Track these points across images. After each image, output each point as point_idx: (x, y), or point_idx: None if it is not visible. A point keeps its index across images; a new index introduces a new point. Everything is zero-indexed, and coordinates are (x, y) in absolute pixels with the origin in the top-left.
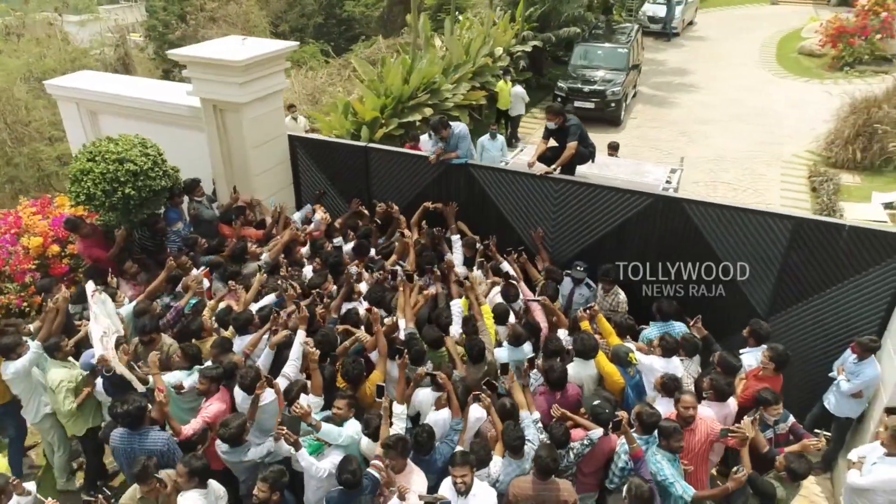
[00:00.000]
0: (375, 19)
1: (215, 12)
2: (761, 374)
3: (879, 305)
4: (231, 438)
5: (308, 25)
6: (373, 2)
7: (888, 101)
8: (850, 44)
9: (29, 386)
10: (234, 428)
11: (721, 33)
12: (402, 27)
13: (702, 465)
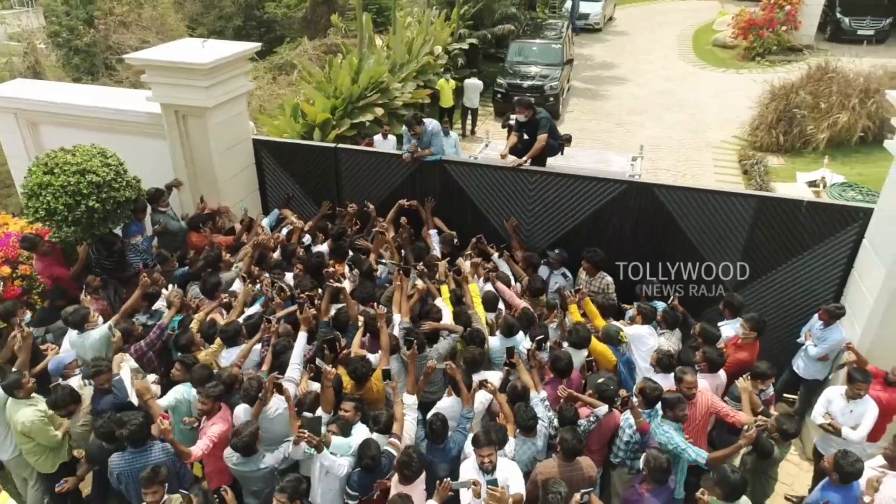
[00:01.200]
0: (298, 20)
1: (126, 16)
2: (741, 342)
3: (835, 273)
4: (245, 447)
5: (227, 28)
6: (295, 3)
7: (804, 87)
8: (759, 35)
9: (3, 419)
10: (246, 436)
11: (639, 28)
12: (327, 28)
13: (701, 435)
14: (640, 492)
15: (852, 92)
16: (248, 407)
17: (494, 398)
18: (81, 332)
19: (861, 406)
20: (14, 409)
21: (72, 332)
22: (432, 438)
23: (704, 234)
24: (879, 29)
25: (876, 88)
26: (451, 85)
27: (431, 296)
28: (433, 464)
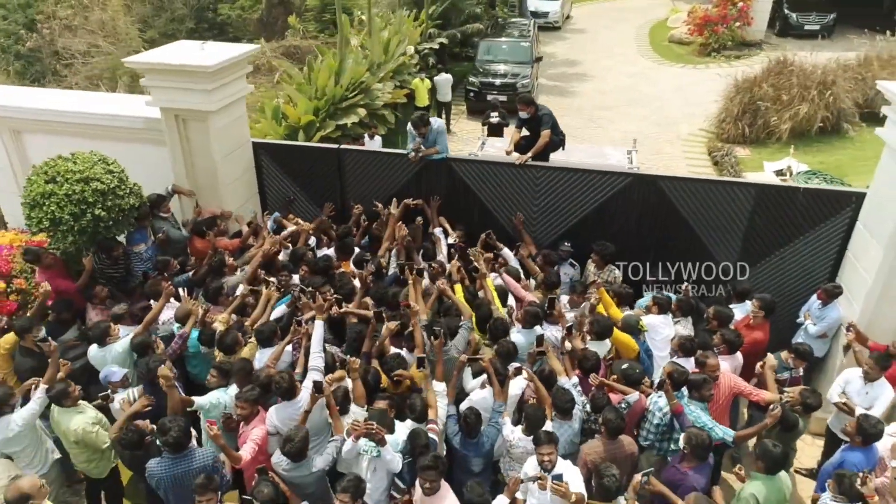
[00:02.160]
0: (254, 22)
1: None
2: (752, 322)
3: (830, 255)
4: (298, 453)
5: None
6: (250, 4)
7: (766, 80)
8: (714, 31)
9: (35, 436)
10: (299, 442)
11: (597, 25)
12: (285, 30)
13: (724, 415)
14: (682, 471)
15: (811, 84)
16: (279, 406)
17: (531, 384)
18: (102, 346)
19: (877, 389)
20: (64, 417)
21: (91, 347)
22: (466, 432)
23: (707, 223)
24: (824, 24)
25: (832, 80)
26: (425, 84)
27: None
28: (466, 458)
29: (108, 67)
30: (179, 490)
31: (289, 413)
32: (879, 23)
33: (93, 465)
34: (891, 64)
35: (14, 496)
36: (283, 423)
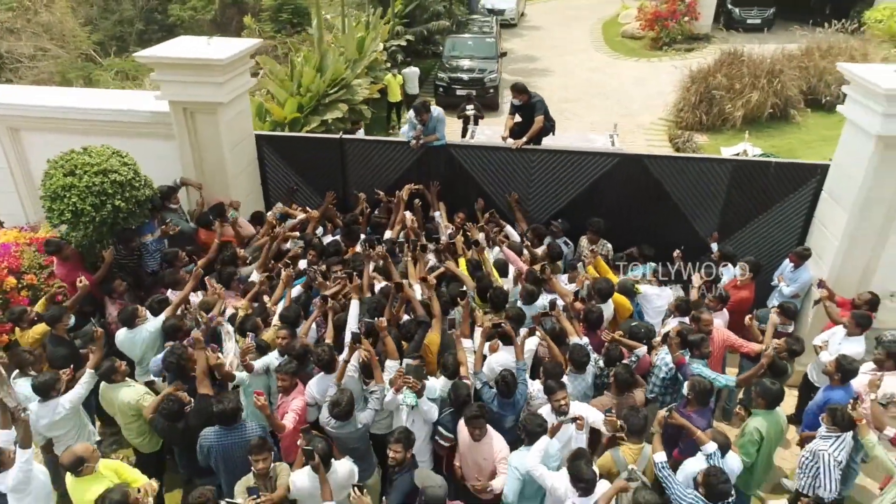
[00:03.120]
0: (207, 23)
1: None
2: (739, 283)
3: (798, 222)
4: (345, 414)
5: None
6: (202, 5)
7: (719, 70)
8: (665, 26)
9: (79, 420)
10: (346, 404)
11: (551, 22)
12: (240, 30)
13: (718, 366)
14: (687, 414)
15: (760, 73)
16: (319, 378)
17: (544, 342)
18: (132, 328)
19: (852, 343)
20: (113, 392)
21: (120, 331)
22: (505, 393)
23: (688, 197)
24: (765, 18)
25: (780, 70)
26: (397, 80)
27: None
28: (503, 417)
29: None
30: (229, 460)
31: (329, 385)
32: (813, 17)
33: (144, 439)
34: (830, 53)
35: (70, 460)
36: (321, 394)
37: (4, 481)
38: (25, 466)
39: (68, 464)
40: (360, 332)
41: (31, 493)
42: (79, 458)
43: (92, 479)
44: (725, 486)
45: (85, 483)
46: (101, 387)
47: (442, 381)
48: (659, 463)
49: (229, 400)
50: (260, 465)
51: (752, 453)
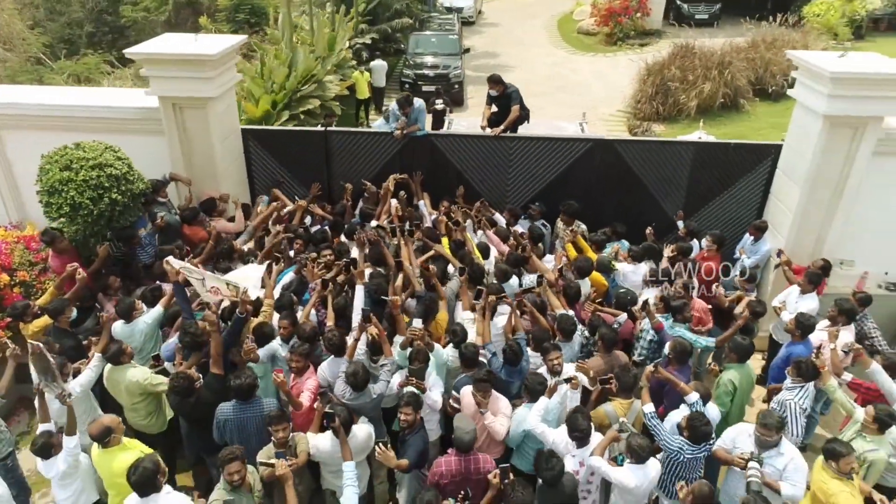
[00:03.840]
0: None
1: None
2: (706, 254)
3: (755, 198)
4: (362, 384)
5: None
6: (155, 6)
7: (673, 63)
8: (619, 22)
9: (89, 405)
10: (361, 374)
11: (508, 19)
12: (195, 31)
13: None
14: (669, 371)
15: (712, 65)
16: (330, 361)
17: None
18: (129, 321)
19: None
20: (120, 374)
21: (116, 324)
22: (513, 361)
23: (656, 178)
24: (712, 13)
25: (729, 61)
26: (365, 77)
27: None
28: (510, 384)
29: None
30: (244, 433)
31: (340, 367)
32: (756, 12)
33: (151, 419)
34: (774, 46)
35: (99, 430)
36: (333, 376)
37: (55, 467)
38: (74, 451)
39: (97, 434)
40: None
41: (79, 477)
42: (107, 429)
43: (118, 449)
44: (707, 429)
45: (111, 454)
46: (107, 370)
47: (449, 349)
48: (648, 413)
49: (247, 376)
50: (280, 434)
51: (727, 403)
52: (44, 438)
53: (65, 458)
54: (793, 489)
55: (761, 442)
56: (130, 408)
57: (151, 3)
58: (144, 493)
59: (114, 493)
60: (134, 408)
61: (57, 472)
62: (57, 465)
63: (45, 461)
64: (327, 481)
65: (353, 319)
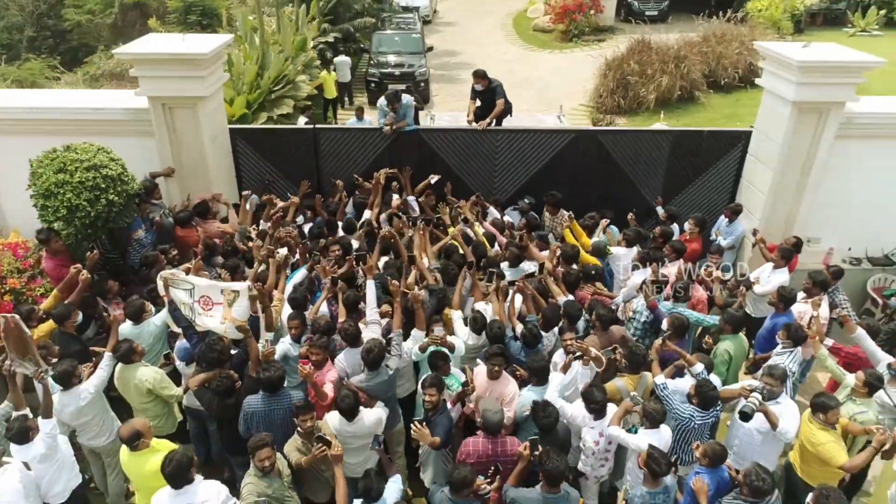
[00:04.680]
0: (107, 27)
1: None
2: (688, 237)
3: (728, 182)
4: (377, 361)
5: (20, 40)
6: (100, 8)
7: (632, 58)
8: (573, 19)
9: (102, 406)
10: (377, 351)
11: (464, 18)
12: (145, 33)
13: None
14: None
15: (668, 59)
16: (347, 352)
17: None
18: (138, 323)
19: (778, 274)
20: (130, 372)
21: (124, 325)
22: (531, 344)
23: (636, 166)
24: (661, 9)
25: (684, 55)
26: (332, 77)
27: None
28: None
29: None
30: (271, 425)
31: (356, 358)
32: (702, 8)
33: (160, 421)
34: (724, 40)
35: (129, 433)
36: (350, 367)
37: (32, 451)
38: (52, 433)
39: (127, 437)
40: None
41: (58, 462)
42: (137, 432)
43: (149, 452)
44: (714, 394)
45: (142, 457)
46: (118, 369)
47: (467, 331)
48: (660, 384)
49: (275, 369)
50: (307, 424)
51: (724, 371)
52: (19, 422)
53: (43, 439)
54: (787, 425)
55: (769, 392)
56: (140, 408)
57: (96, 5)
58: (178, 485)
59: (143, 495)
60: (143, 408)
61: (35, 455)
62: (35, 448)
63: (22, 445)
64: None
65: (367, 314)
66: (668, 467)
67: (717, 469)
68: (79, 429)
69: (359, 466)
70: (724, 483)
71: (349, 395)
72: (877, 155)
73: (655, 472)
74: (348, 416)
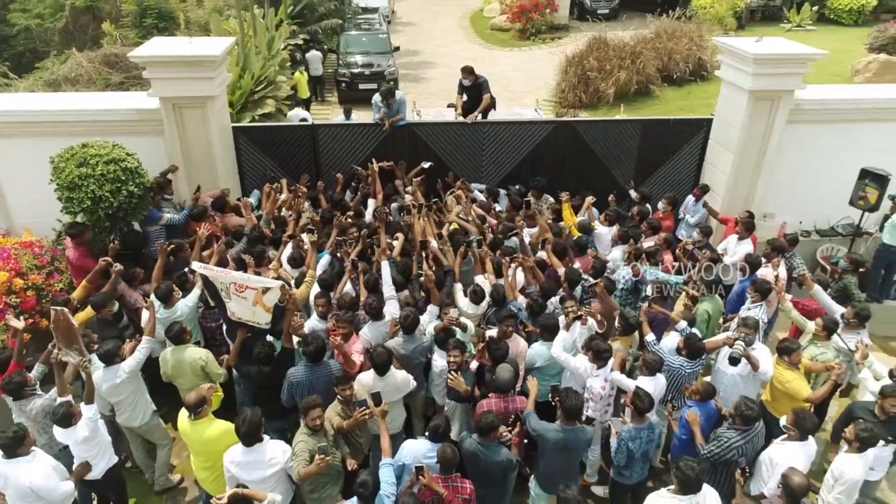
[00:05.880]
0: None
1: None
2: (662, 214)
3: (692, 165)
4: (412, 327)
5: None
6: (49, 12)
7: (591, 54)
8: (531, 18)
9: (138, 386)
10: (412, 319)
11: (422, 18)
12: (98, 38)
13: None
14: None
15: (625, 55)
16: (370, 325)
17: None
18: (168, 306)
19: (743, 245)
20: (182, 353)
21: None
22: (537, 313)
23: (610, 153)
24: (612, 8)
25: (639, 51)
26: (305, 77)
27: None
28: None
29: None
30: (313, 392)
31: (379, 330)
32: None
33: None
34: (675, 36)
35: (195, 399)
36: (374, 339)
37: (75, 434)
38: (93, 417)
39: (194, 402)
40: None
41: (98, 444)
42: (202, 398)
43: (208, 420)
44: (700, 345)
45: (202, 425)
46: (168, 353)
47: (466, 301)
48: (650, 341)
49: (317, 340)
50: (347, 392)
51: (704, 329)
52: (64, 408)
53: (86, 423)
54: (765, 366)
55: (747, 340)
56: (190, 388)
57: (45, 9)
58: (250, 442)
59: (202, 460)
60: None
61: (77, 438)
62: (78, 432)
63: (66, 429)
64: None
65: (384, 292)
66: (650, 405)
67: (707, 403)
68: (116, 408)
69: (393, 422)
70: (713, 414)
71: (384, 352)
72: (822, 137)
73: (640, 408)
74: (381, 371)
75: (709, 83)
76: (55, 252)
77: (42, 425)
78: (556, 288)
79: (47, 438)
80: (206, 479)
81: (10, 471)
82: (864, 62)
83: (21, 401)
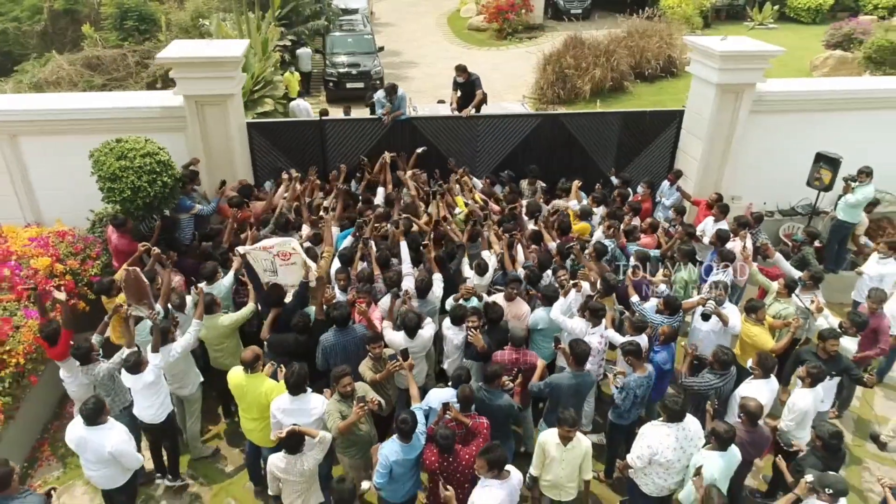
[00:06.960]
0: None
1: None
2: (641, 197)
3: (667, 152)
4: (425, 290)
5: None
6: (27, 15)
7: (567, 53)
8: (507, 18)
9: (188, 363)
10: (426, 282)
11: (400, 19)
12: (78, 41)
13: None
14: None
15: (600, 53)
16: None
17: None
18: (211, 283)
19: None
20: (213, 320)
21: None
22: (534, 283)
23: (593, 143)
24: (584, 8)
25: (613, 49)
26: (296, 77)
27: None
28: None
29: None
30: (345, 353)
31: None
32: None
33: (234, 360)
34: (646, 35)
35: (252, 355)
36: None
37: (143, 379)
38: (159, 365)
39: (250, 359)
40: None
41: (161, 389)
42: (257, 355)
43: (261, 375)
44: (678, 303)
45: (257, 379)
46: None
47: (472, 273)
48: (635, 302)
49: (342, 307)
50: (377, 350)
51: (682, 294)
52: (135, 357)
53: (152, 370)
54: (734, 321)
55: (718, 299)
56: (219, 349)
57: (22, 12)
58: (296, 392)
59: (254, 411)
60: (222, 349)
61: (145, 381)
62: (145, 377)
63: (135, 375)
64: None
65: (403, 268)
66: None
67: (669, 345)
68: (169, 377)
69: (419, 375)
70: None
71: (414, 317)
72: (782, 126)
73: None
74: (411, 333)
75: (678, 79)
76: (87, 240)
77: (107, 388)
78: (550, 259)
79: (109, 401)
80: (253, 429)
81: (91, 436)
82: (821, 58)
83: (88, 365)
